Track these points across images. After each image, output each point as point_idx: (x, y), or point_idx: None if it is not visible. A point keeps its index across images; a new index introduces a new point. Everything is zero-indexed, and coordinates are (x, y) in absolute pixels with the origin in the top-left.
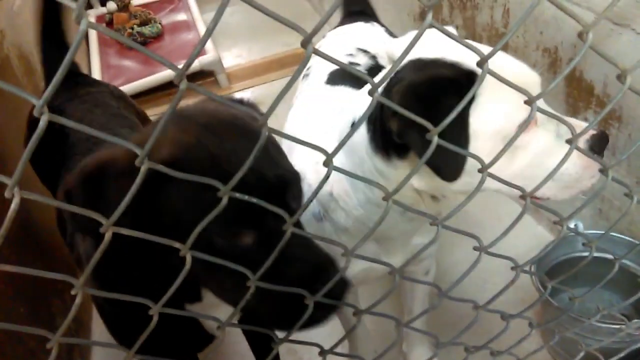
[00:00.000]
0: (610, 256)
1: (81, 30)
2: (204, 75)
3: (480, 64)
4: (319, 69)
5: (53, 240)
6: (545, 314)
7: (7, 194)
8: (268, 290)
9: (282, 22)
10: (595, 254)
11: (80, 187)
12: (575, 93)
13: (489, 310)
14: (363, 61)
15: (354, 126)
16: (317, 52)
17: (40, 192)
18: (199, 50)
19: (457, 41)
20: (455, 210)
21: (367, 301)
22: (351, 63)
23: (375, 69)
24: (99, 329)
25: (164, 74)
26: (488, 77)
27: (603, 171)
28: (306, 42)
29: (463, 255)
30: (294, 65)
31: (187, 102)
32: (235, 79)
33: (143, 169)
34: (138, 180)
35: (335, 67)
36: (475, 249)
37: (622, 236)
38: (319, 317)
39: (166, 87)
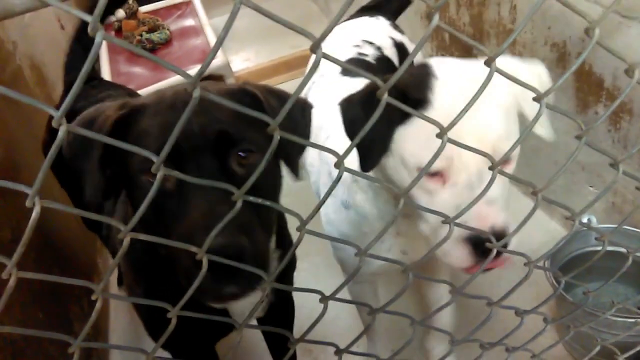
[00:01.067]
0: (624, 250)
1: (97, 42)
2: (213, 79)
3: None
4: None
5: (70, 246)
6: (560, 309)
7: (28, 204)
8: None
9: (291, 27)
10: (609, 248)
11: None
12: (585, 87)
13: (503, 306)
14: (370, 52)
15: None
16: (327, 56)
17: (54, 198)
18: (212, 58)
19: (465, 40)
20: (467, 208)
21: (386, 298)
22: (359, 53)
23: (382, 59)
24: (115, 334)
25: (173, 80)
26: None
27: (614, 165)
28: (315, 47)
29: None
30: (301, 67)
31: None
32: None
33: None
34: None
35: (348, 57)
36: (489, 245)
37: (636, 229)
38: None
39: None
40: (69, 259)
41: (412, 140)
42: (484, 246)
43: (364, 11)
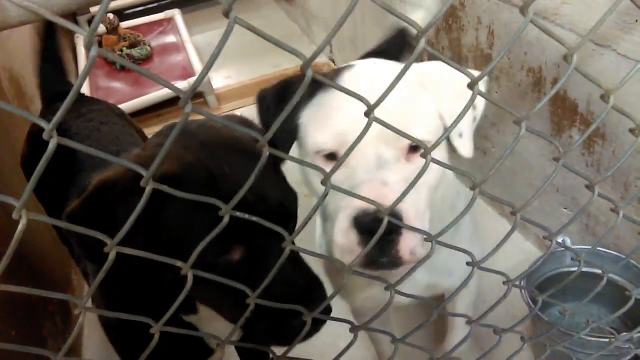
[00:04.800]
0: (598, 271)
1: (91, 57)
2: (194, 96)
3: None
4: None
5: (45, 262)
6: (536, 329)
7: (15, 216)
8: (262, 307)
9: (283, 47)
10: (584, 269)
11: (83, 210)
12: (559, 112)
13: (483, 325)
14: None
15: None
16: (317, 77)
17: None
18: (204, 76)
19: (449, 64)
20: (449, 227)
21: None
22: None
23: None
24: (89, 351)
25: (154, 96)
26: None
27: (589, 187)
28: (306, 67)
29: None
30: None
31: (176, 120)
32: (224, 100)
33: (148, 189)
34: (143, 201)
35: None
36: (468, 264)
37: (609, 251)
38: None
39: (155, 109)
40: (44, 275)
41: (311, 124)
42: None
43: (371, 56)
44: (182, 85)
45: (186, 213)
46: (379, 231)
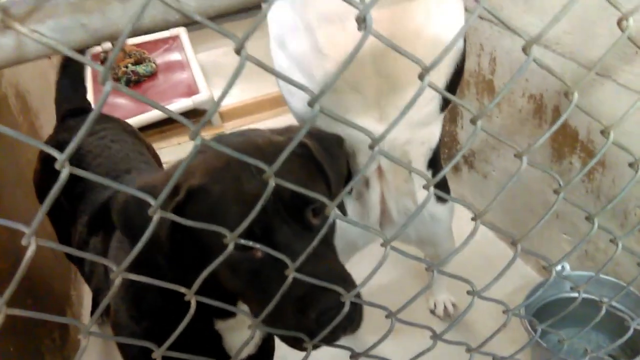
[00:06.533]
0: (596, 297)
1: (105, 91)
2: (198, 114)
3: None
4: None
5: (44, 277)
6: (534, 355)
7: (24, 242)
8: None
9: (287, 81)
10: (583, 295)
11: (123, 210)
12: (560, 138)
13: (482, 352)
14: None
15: None
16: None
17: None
18: (216, 109)
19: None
20: (452, 254)
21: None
22: None
23: None
24: None
25: (158, 112)
26: None
27: (589, 218)
28: (313, 102)
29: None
30: (285, 104)
31: (179, 139)
32: (227, 118)
33: (155, 218)
34: (151, 228)
35: None
36: (468, 293)
37: (608, 277)
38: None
39: (158, 125)
40: (42, 290)
41: None
42: None
43: None
44: (186, 103)
45: (214, 211)
46: None
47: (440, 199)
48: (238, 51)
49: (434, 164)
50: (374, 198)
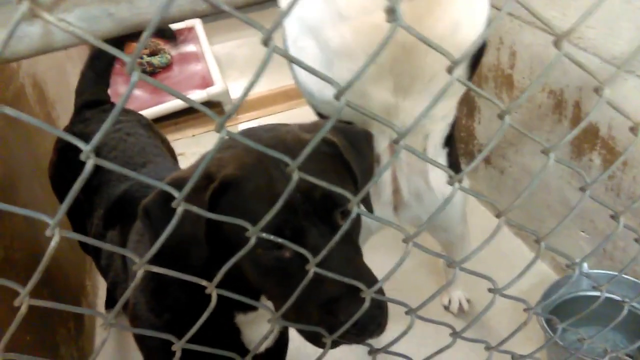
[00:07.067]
0: (614, 296)
1: (132, 81)
2: (212, 105)
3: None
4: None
5: (60, 267)
6: (550, 353)
7: (48, 233)
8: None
9: (319, 76)
10: (599, 294)
11: (154, 202)
12: (580, 135)
13: (501, 350)
14: None
15: None
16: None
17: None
18: (239, 103)
19: (481, 94)
20: (475, 252)
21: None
22: None
23: None
24: (100, 358)
25: (171, 104)
26: None
27: (614, 217)
28: (339, 94)
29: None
30: (299, 97)
31: (194, 131)
32: (242, 110)
33: (179, 210)
34: (174, 221)
35: None
36: (490, 290)
37: (626, 276)
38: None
39: (172, 117)
40: (58, 280)
41: None
42: None
43: None
44: (201, 94)
45: (240, 207)
46: None
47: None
48: (265, 42)
49: (449, 142)
50: (386, 176)
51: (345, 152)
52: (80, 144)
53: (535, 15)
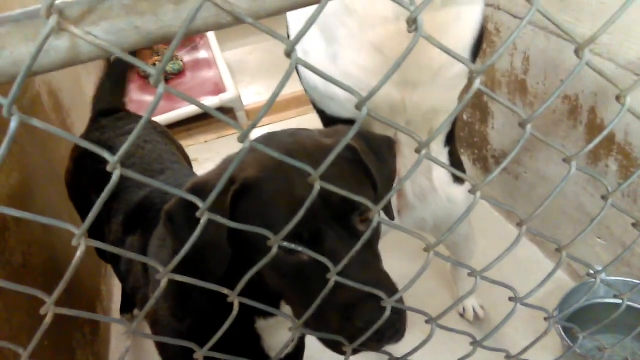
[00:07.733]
0: (634, 304)
1: (158, 93)
2: (224, 112)
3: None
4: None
5: (76, 272)
6: None
7: (74, 243)
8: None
9: (336, 84)
10: (616, 301)
11: (178, 207)
12: None
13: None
14: None
15: None
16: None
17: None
18: (262, 116)
19: (503, 104)
20: (496, 262)
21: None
22: None
23: None
24: None
25: (184, 110)
26: None
27: (636, 225)
28: (362, 105)
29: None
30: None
31: (206, 137)
32: (254, 116)
33: (203, 221)
34: (198, 230)
35: None
36: (511, 299)
37: None
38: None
39: (185, 123)
40: (74, 285)
41: None
42: None
43: None
44: (213, 101)
45: (259, 211)
46: None
47: (457, 179)
48: (288, 54)
49: (450, 140)
50: None
51: (366, 157)
52: (107, 155)
53: (558, 25)
